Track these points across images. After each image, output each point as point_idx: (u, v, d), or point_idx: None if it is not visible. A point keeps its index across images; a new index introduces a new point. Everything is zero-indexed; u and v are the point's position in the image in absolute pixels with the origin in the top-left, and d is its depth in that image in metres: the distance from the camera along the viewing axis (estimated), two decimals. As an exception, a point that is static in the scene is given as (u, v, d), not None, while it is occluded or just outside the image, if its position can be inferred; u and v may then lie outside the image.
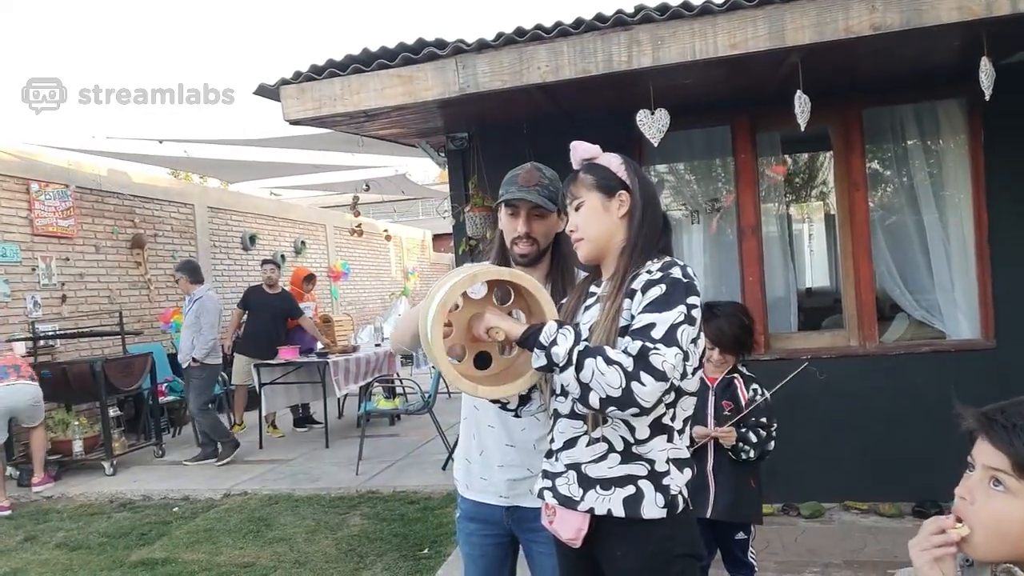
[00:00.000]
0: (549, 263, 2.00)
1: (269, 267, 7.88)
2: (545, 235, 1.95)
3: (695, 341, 1.55)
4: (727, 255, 4.70)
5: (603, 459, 1.58)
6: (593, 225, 1.67)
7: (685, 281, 1.53)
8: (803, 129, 3.39)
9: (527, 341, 1.52)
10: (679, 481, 1.58)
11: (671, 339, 1.46)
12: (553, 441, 1.69)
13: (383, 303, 15.27)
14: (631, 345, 1.46)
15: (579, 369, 1.45)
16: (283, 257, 11.74)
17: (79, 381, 6.50)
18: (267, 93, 3.84)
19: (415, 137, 5.05)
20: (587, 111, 4.33)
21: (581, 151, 1.74)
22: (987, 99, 3.20)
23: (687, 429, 1.64)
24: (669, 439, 1.58)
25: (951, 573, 1.04)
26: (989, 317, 4.21)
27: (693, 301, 1.52)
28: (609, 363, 1.43)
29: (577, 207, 1.68)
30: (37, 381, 5.99)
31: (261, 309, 7.73)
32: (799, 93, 3.34)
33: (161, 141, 7.86)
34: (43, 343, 7.12)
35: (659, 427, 1.57)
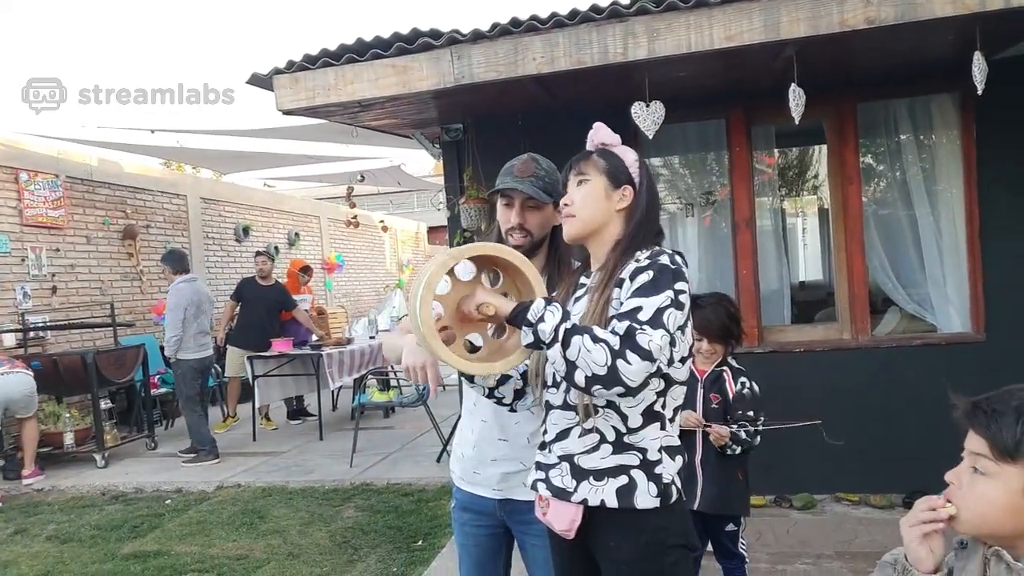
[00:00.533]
0: (545, 257, 1.99)
1: (261, 259, 7.87)
2: (539, 227, 1.93)
3: (682, 328, 1.55)
4: (721, 248, 4.71)
5: (595, 450, 1.58)
6: (589, 206, 1.67)
7: (673, 267, 1.54)
8: (797, 123, 3.39)
9: (516, 318, 1.52)
10: (671, 469, 1.59)
11: (657, 321, 1.46)
12: (546, 433, 1.69)
13: (378, 295, 15.24)
14: (618, 325, 1.47)
15: (565, 346, 1.44)
16: (277, 249, 11.70)
17: (70, 373, 6.47)
18: (260, 82, 3.82)
19: (410, 128, 5.03)
20: (582, 103, 4.32)
21: (602, 135, 1.74)
22: (979, 93, 3.21)
23: (677, 418, 1.65)
24: (662, 427, 1.59)
25: (939, 550, 1.10)
26: (980, 311, 4.24)
27: (681, 287, 1.52)
28: (596, 341, 1.43)
29: (579, 183, 1.68)
30: (32, 373, 5.96)
31: (254, 301, 7.70)
32: (793, 86, 3.35)
33: (153, 131, 7.79)
34: (34, 335, 7.08)
35: (651, 415, 1.57)
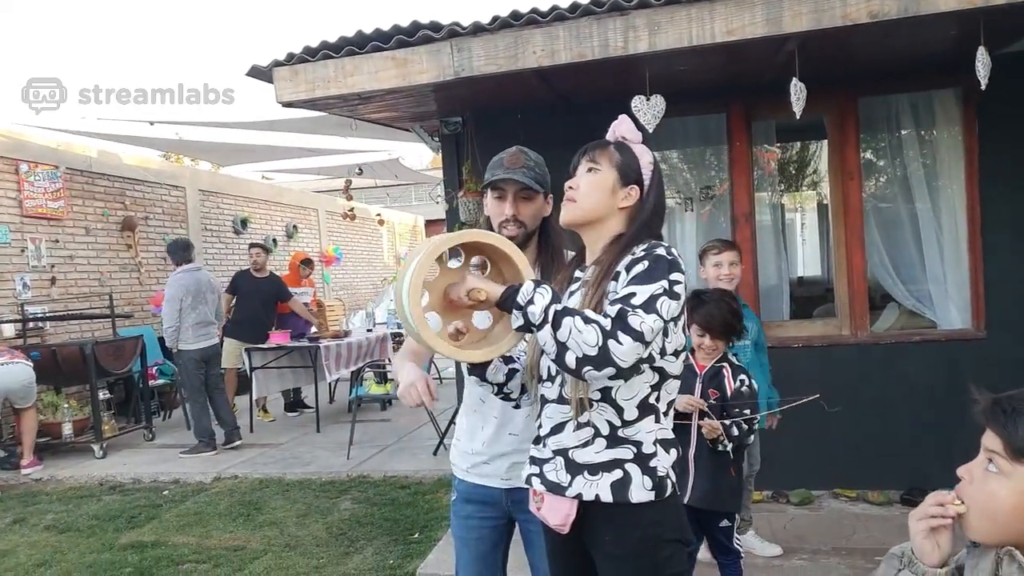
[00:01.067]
0: (537, 249, 1.99)
1: (255, 251, 7.81)
2: (532, 217, 1.95)
3: (676, 320, 1.54)
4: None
5: (590, 444, 1.58)
6: (592, 196, 1.66)
7: (669, 258, 1.53)
8: (798, 117, 3.37)
9: (506, 302, 1.51)
10: (665, 462, 1.58)
11: (650, 307, 1.45)
12: (540, 427, 1.69)
13: (375, 288, 15.23)
14: (610, 308, 1.47)
15: (556, 327, 1.43)
16: (275, 241, 11.68)
17: (69, 363, 6.47)
18: (260, 75, 3.80)
19: (409, 121, 5.01)
20: (582, 97, 4.30)
21: (624, 128, 1.72)
22: (983, 89, 3.19)
23: (671, 412, 1.65)
24: (656, 420, 1.59)
25: (945, 545, 1.08)
26: (980, 307, 4.23)
27: (676, 278, 1.51)
28: (587, 322, 1.43)
29: (590, 170, 1.67)
30: (31, 363, 5.96)
31: (249, 293, 7.68)
32: (795, 81, 3.33)
33: (152, 123, 7.77)
34: (33, 325, 7.08)
35: (646, 407, 1.57)
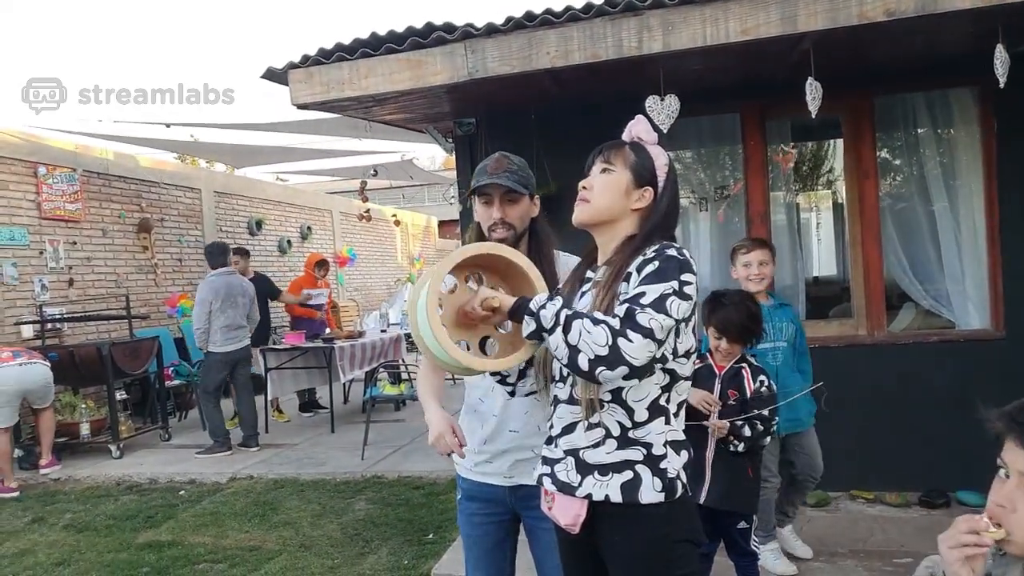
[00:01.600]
0: (527, 249, 2.01)
1: (235, 257, 7.67)
2: (520, 219, 1.99)
3: (687, 320, 1.54)
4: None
5: (601, 444, 1.58)
6: (606, 197, 1.66)
7: (680, 259, 1.53)
8: (814, 117, 3.35)
9: (518, 312, 1.53)
10: (676, 464, 1.58)
11: (660, 306, 1.46)
12: (552, 427, 1.69)
13: (389, 289, 15.29)
14: (619, 308, 1.48)
15: (567, 330, 1.45)
16: (289, 243, 11.74)
17: (86, 364, 6.54)
18: (275, 77, 3.82)
19: (423, 122, 5.02)
20: (595, 97, 4.29)
21: (640, 129, 1.72)
22: (1001, 87, 3.16)
23: (682, 413, 1.65)
24: (667, 421, 1.59)
25: (980, 570, 1.05)
26: (999, 307, 4.18)
27: (687, 279, 1.51)
28: (596, 323, 1.44)
29: (604, 170, 1.67)
30: (49, 363, 6.03)
31: None
32: (811, 80, 3.31)
33: (168, 125, 7.85)
34: (51, 326, 7.16)
35: (657, 409, 1.57)
